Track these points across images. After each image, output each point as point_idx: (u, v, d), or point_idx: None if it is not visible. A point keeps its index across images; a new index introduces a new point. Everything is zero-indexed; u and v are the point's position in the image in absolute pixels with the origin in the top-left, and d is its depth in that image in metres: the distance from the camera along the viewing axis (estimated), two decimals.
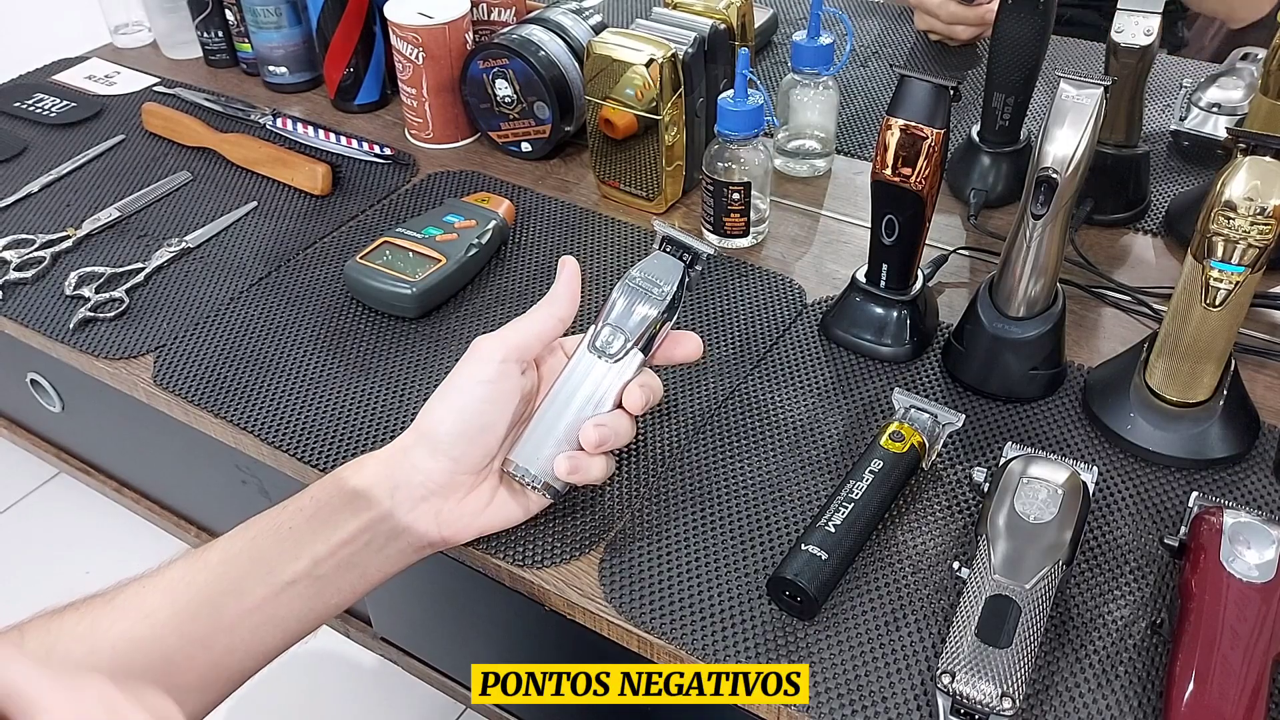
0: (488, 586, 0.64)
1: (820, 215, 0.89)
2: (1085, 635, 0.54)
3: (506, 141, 0.96)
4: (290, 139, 0.99)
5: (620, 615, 0.56)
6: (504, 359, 0.54)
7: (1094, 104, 0.59)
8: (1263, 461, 0.63)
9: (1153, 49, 0.76)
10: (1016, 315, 0.67)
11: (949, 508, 0.61)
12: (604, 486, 0.63)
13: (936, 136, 0.63)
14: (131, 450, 1.01)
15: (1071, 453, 0.65)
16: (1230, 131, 0.55)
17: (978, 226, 0.85)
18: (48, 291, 0.82)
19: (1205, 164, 0.91)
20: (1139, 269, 0.81)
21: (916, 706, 0.51)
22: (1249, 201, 0.54)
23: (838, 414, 0.68)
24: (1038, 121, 0.67)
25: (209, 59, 1.15)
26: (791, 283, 0.80)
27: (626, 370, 0.56)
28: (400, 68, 0.95)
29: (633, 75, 0.80)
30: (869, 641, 0.54)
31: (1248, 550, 0.51)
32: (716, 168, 0.80)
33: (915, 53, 1.14)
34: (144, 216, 0.91)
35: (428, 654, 0.90)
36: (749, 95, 0.77)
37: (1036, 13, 0.78)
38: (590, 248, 0.85)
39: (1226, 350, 0.61)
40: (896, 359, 0.71)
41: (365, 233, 0.87)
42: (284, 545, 0.51)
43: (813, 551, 0.54)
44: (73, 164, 0.97)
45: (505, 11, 0.99)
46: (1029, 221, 0.62)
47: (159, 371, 0.74)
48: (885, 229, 0.69)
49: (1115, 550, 0.58)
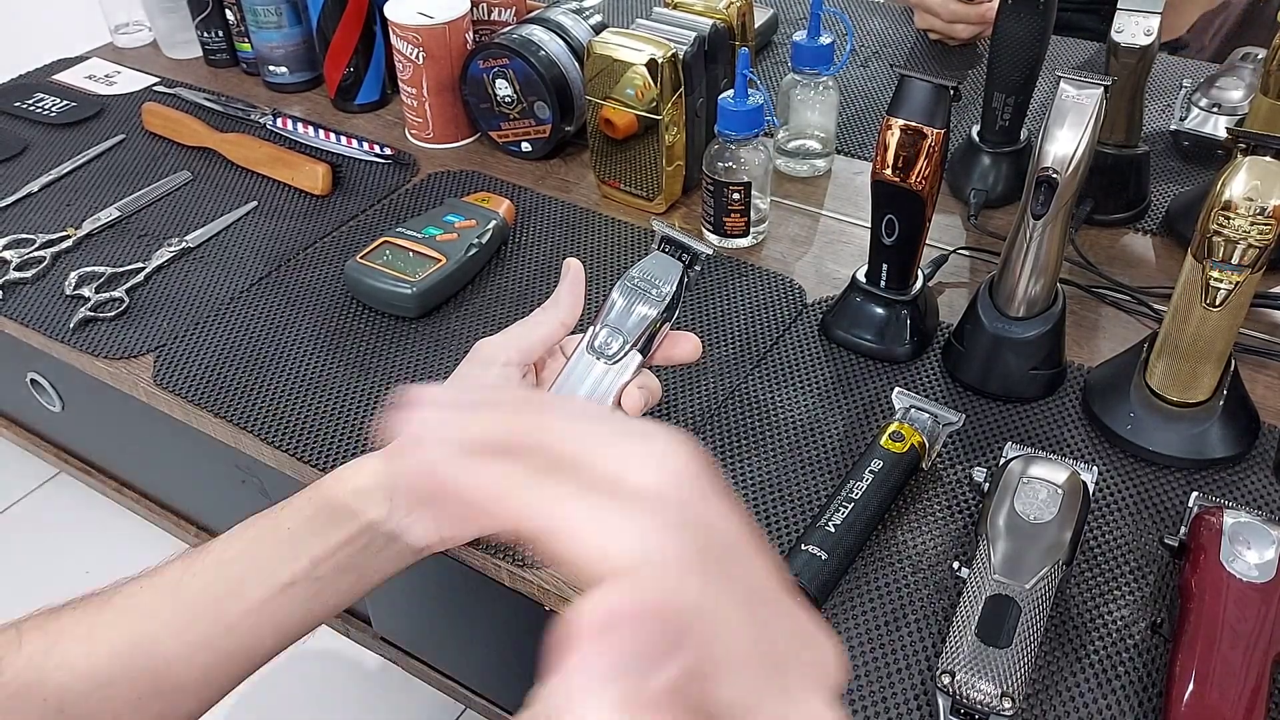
0: (488, 587, 0.64)
1: (820, 215, 0.89)
2: (1085, 635, 0.54)
3: (506, 141, 0.96)
4: (290, 139, 0.99)
5: None
6: (506, 362, 0.54)
7: (1094, 104, 0.59)
8: (1263, 461, 0.63)
9: (1153, 49, 0.76)
10: (1016, 315, 0.67)
11: (949, 508, 0.61)
12: None
13: (936, 136, 0.63)
14: (131, 450, 1.01)
15: (1071, 453, 0.65)
16: (1230, 131, 0.55)
17: (978, 226, 0.85)
18: (48, 291, 0.82)
19: (1205, 164, 0.91)
20: (1139, 269, 0.81)
21: (916, 706, 0.51)
22: (1249, 201, 0.54)
23: (838, 414, 0.68)
24: (1038, 121, 0.67)
25: (209, 59, 1.15)
26: (791, 283, 0.80)
27: (625, 371, 0.55)
28: (400, 68, 0.95)
29: (633, 75, 0.80)
30: (869, 641, 0.54)
31: (1248, 550, 0.51)
32: (716, 168, 0.80)
33: (915, 53, 1.14)
34: (144, 216, 0.91)
35: (428, 654, 0.90)
36: (749, 95, 0.77)
37: (1036, 13, 0.78)
38: (590, 248, 0.85)
39: (1226, 350, 0.61)
40: (896, 359, 0.71)
41: (365, 232, 0.87)
42: (282, 547, 0.51)
43: (813, 551, 0.54)
44: (73, 164, 0.97)
45: (505, 11, 0.99)
46: (1029, 221, 0.62)
47: (159, 371, 0.74)
48: (885, 229, 0.69)
49: (1115, 550, 0.58)
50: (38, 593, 0.50)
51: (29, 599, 0.49)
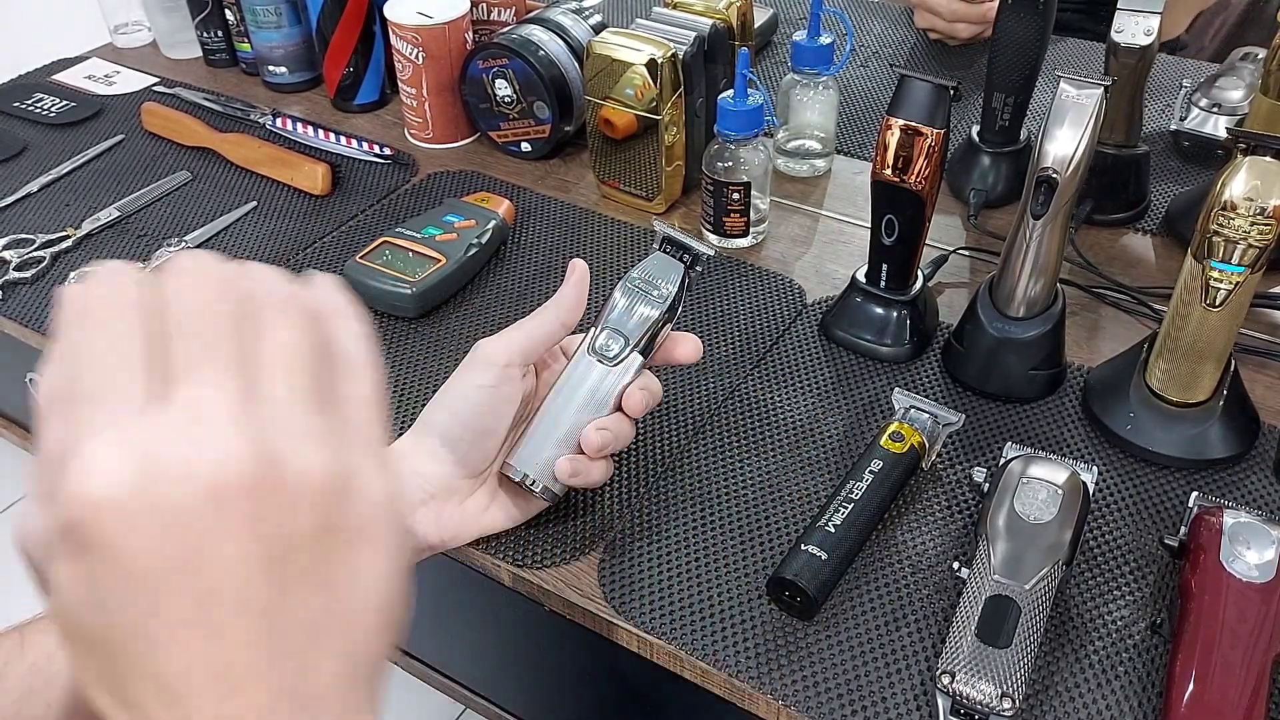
0: (488, 587, 0.64)
1: (820, 215, 0.89)
2: (1085, 635, 0.54)
3: (506, 141, 0.96)
4: (290, 139, 0.99)
5: (620, 616, 0.56)
6: (506, 363, 0.54)
7: (1094, 104, 0.59)
8: (1263, 461, 0.63)
9: (1153, 49, 0.76)
10: (1016, 315, 0.67)
11: (949, 508, 0.61)
12: (604, 487, 0.63)
13: (936, 136, 0.63)
14: None
15: (1071, 453, 0.65)
16: (1230, 131, 0.55)
17: (978, 226, 0.85)
18: (47, 291, 0.82)
19: (1205, 164, 0.91)
20: (1139, 269, 0.81)
21: (916, 706, 0.51)
22: (1249, 201, 0.54)
23: (838, 414, 0.68)
24: (1038, 121, 0.67)
25: (209, 59, 1.15)
26: (791, 283, 0.80)
27: (626, 373, 0.55)
28: (400, 68, 0.95)
29: (632, 75, 0.80)
30: (869, 641, 0.54)
31: (1248, 550, 0.51)
32: (716, 168, 0.80)
33: (915, 53, 1.14)
34: (144, 216, 0.91)
35: (428, 654, 0.90)
36: (749, 95, 0.77)
37: (1036, 13, 0.78)
38: (590, 248, 0.85)
39: (1226, 350, 0.61)
40: (896, 359, 0.71)
41: (365, 233, 0.87)
42: None
43: (812, 551, 0.54)
44: (72, 164, 0.97)
45: (505, 11, 0.99)
46: (1029, 221, 0.62)
47: None
48: (885, 229, 0.69)
49: (1115, 550, 0.58)
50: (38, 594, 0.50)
51: (29, 599, 0.49)
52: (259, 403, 0.25)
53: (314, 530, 0.25)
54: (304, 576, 0.25)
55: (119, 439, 0.23)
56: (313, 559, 0.25)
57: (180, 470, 0.23)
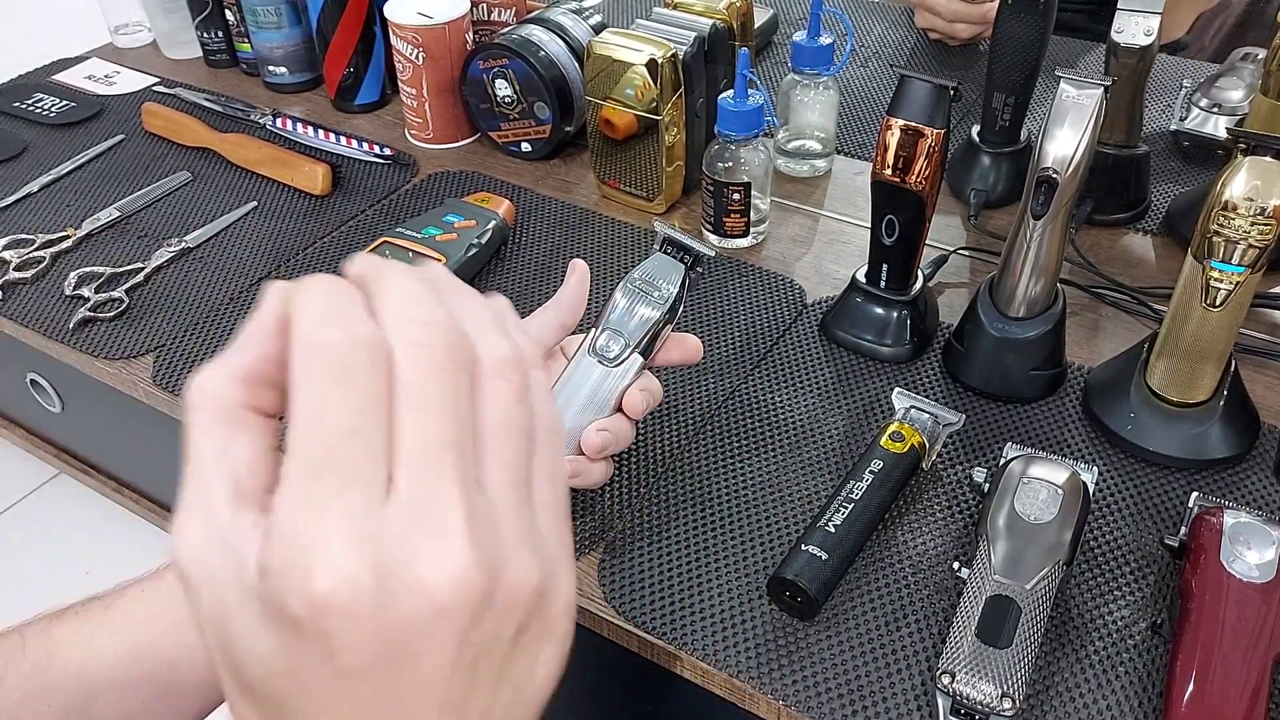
0: None
1: (820, 215, 0.89)
2: (1085, 635, 0.54)
3: (506, 141, 0.96)
4: (290, 139, 0.99)
5: (620, 616, 0.56)
6: None
7: (1094, 104, 0.59)
8: (1263, 461, 0.63)
9: (1153, 49, 0.76)
10: (1017, 315, 0.67)
11: (949, 508, 0.61)
12: (604, 488, 0.63)
13: (936, 136, 0.63)
14: (131, 450, 1.01)
15: (1071, 453, 0.65)
16: (1230, 131, 0.55)
17: (978, 226, 0.85)
18: (47, 291, 0.82)
19: (1205, 164, 0.91)
20: (1139, 269, 0.81)
21: (916, 706, 0.51)
22: (1249, 201, 0.54)
23: (838, 414, 0.68)
24: (1038, 121, 0.67)
25: (209, 59, 1.15)
26: (791, 283, 0.80)
27: (627, 374, 0.55)
28: (400, 68, 0.95)
29: (633, 75, 0.80)
30: (869, 641, 0.54)
31: (1248, 550, 0.51)
32: (716, 168, 0.80)
33: (915, 53, 1.14)
34: (144, 216, 0.91)
35: None
36: (749, 95, 0.77)
37: (1037, 13, 0.78)
38: (590, 248, 0.85)
39: (1226, 350, 0.61)
40: (896, 359, 0.71)
41: (365, 233, 0.87)
42: None
43: (813, 551, 0.54)
44: (72, 164, 0.97)
45: (505, 11, 0.99)
46: (1029, 221, 0.62)
47: (159, 371, 0.74)
48: (885, 229, 0.69)
49: (1115, 550, 0.58)
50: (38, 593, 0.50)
51: (29, 599, 0.49)
52: (483, 503, 0.25)
53: (514, 634, 0.26)
54: (494, 672, 0.26)
55: (355, 536, 0.23)
56: (504, 657, 0.26)
57: (413, 585, 0.23)
